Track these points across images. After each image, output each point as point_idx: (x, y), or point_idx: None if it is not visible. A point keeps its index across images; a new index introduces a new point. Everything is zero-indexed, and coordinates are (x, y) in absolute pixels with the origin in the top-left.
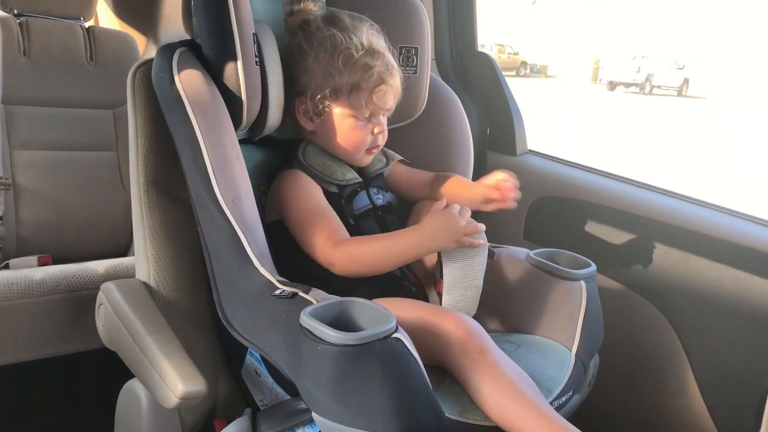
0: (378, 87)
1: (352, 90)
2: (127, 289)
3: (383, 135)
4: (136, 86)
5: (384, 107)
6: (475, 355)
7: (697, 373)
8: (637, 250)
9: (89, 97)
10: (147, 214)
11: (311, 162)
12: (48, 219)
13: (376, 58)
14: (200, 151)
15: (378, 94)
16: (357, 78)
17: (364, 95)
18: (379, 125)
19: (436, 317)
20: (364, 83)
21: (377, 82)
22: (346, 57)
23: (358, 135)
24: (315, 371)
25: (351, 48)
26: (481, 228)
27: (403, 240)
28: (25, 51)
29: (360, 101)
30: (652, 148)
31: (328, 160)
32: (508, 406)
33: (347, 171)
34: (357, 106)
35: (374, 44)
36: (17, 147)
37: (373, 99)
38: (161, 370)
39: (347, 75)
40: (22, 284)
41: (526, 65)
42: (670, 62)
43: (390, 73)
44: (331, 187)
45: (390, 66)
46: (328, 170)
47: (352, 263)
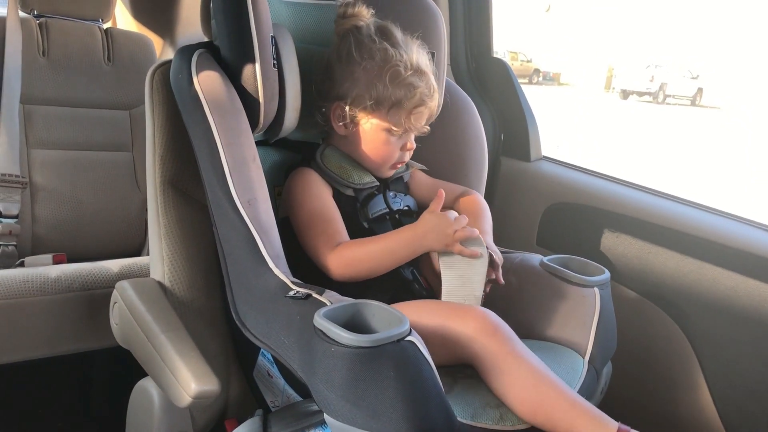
0: (418, 108)
1: (393, 106)
2: (142, 288)
3: (410, 152)
4: (154, 87)
5: (419, 127)
6: (500, 347)
7: (710, 382)
8: (650, 258)
9: (106, 98)
10: (163, 214)
11: (329, 165)
12: (63, 218)
13: (422, 79)
14: (217, 151)
15: (416, 114)
16: (400, 95)
17: (403, 113)
18: (410, 142)
19: (457, 314)
20: (406, 101)
21: (418, 103)
22: (395, 73)
23: (388, 149)
24: (327, 373)
25: (400, 65)
26: (474, 233)
27: (395, 240)
28: (44, 51)
29: (399, 118)
30: (667, 156)
31: (346, 163)
32: (538, 396)
33: (364, 175)
34: (394, 122)
35: (422, 65)
36: (34, 146)
37: (411, 118)
38: (175, 368)
39: (392, 90)
40: (37, 282)
41: (539, 73)
42: (683, 71)
43: (431, 96)
44: (347, 190)
45: (432, 88)
46: (345, 173)
47: (347, 267)
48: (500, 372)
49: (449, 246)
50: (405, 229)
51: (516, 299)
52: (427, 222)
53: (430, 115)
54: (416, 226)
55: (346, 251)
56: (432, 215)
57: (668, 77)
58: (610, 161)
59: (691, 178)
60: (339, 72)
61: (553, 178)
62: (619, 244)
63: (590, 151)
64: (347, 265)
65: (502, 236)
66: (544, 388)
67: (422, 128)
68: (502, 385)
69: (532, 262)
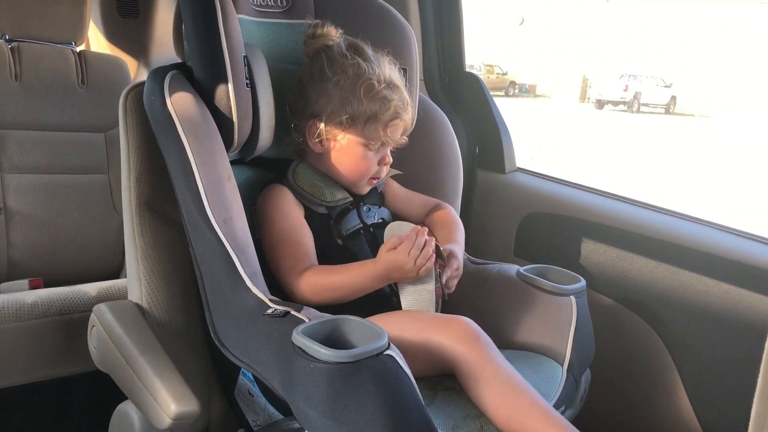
0: (393, 121)
1: (368, 120)
2: (120, 311)
3: (387, 166)
4: (128, 109)
5: (395, 140)
6: (479, 354)
7: (687, 385)
8: (626, 265)
9: (81, 121)
10: (139, 235)
11: (300, 183)
12: (39, 242)
13: (395, 92)
14: (192, 171)
15: (392, 127)
16: (375, 109)
17: (379, 126)
18: (387, 157)
19: (440, 323)
20: (381, 115)
21: (393, 116)
22: (368, 87)
23: (365, 164)
24: (308, 389)
25: (373, 79)
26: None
27: (359, 275)
28: (16, 76)
29: (374, 132)
30: (641, 164)
31: (318, 180)
32: (513, 402)
33: (337, 191)
34: (370, 136)
35: (394, 79)
36: (8, 171)
37: (387, 131)
38: (154, 390)
39: (366, 104)
40: (13, 308)
41: (515, 85)
42: (657, 80)
43: (405, 109)
44: (320, 208)
45: (406, 101)
46: (317, 191)
47: (313, 294)
48: (478, 378)
49: (416, 277)
50: (369, 268)
51: (494, 310)
52: (386, 262)
53: (405, 128)
54: (377, 265)
55: (312, 278)
56: (390, 254)
57: (642, 86)
58: (585, 170)
59: (666, 184)
60: (312, 90)
61: (529, 189)
62: (594, 253)
63: (565, 161)
64: (313, 292)
65: (479, 247)
66: (519, 396)
67: (399, 140)
68: (479, 391)
69: (509, 273)
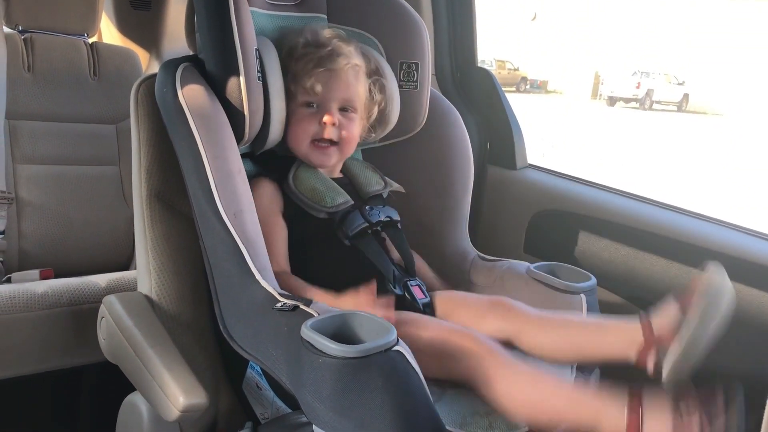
0: (315, 70)
1: (294, 78)
2: (129, 302)
3: (336, 128)
4: (139, 101)
5: (328, 94)
6: (494, 359)
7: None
8: (637, 263)
9: (92, 112)
10: (149, 228)
11: (300, 188)
12: (50, 233)
13: (320, 47)
14: (203, 164)
15: (317, 77)
16: (298, 66)
17: (305, 81)
18: (328, 114)
19: (454, 337)
20: (303, 70)
21: (315, 66)
22: (290, 50)
23: (302, 127)
24: (316, 384)
25: (299, 43)
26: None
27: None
28: (29, 67)
29: (302, 88)
30: (654, 161)
31: (319, 184)
32: (537, 394)
33: (338, 194)
34: (301, 94)
35: (321, 38)
36: (20, 161)
37: (315, 84)
38: (162, 382)
39: (293, 65)
40: (24, 298)
41: (526, 81)
42: (669, 78)
43: (331, 59)
44: (321, 214)
45: (333, 53)
46: (317, 197)
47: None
48: (496, 381)
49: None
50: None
51: None
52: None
53: (346, 84)
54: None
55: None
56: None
57: (654, 84)
58: (597, 168)
59: (679, 182)
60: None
61: (540, 185)
62: (605, 251)
63: (577, 158)
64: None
65: (489, 244)
66: (542, 385)
67: (338, 97)
68: (501, 394)
69: (519, 270)
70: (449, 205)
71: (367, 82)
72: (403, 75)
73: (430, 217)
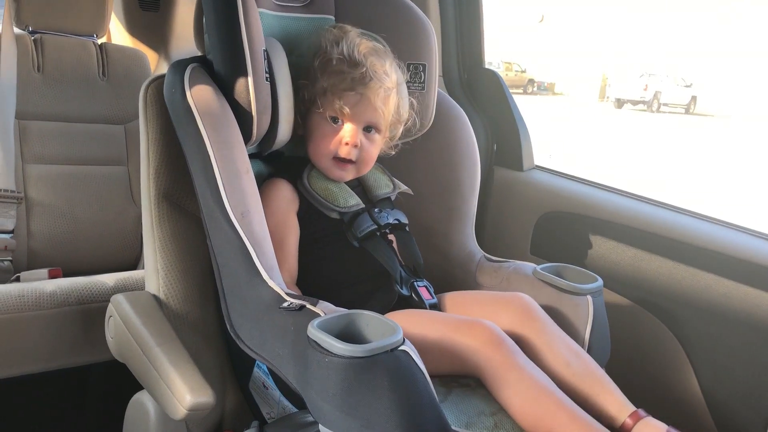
0: (345, 92)
1: (324, 93)
2: (137, 302)
3: (357, 149)
4: (148, 101)
5: (354, 116)
6: (504, 359)
7: (703, 387)
8: (643, 265)
9: (101, 113)
10: (157, 227)
11: (314, 187)
12: (59, 232)
13: (354, 68)
14: (210, 164)
15: (346, 99)
16: (330, 82)
17: (335, 100)
18: (352, 136)
19: (464, 326)
20: (334, 88)
21: (347, 88)
22: (324, 63)
23: (325, 142)
24: (322, 383)
25: (333, 55)
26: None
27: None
28: (39, 67)
29: (331, 106)
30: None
31: (332, 185)
32: (540, 409)
33: (350, 197)
34: (328, 110)
35: (357, 56)
36: (30, 161)
37: (343, 106)
38: (170, 381)
39: (323, 80)
40: (32, 296)
41: (533, 83)
42: (677, 80)
43: (364, 83)
44: (333, 213)
45: (367, 77)
46: (331, 196)
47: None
48: (504, 384)
49: None
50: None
51: None
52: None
53: (374, 107)
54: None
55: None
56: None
57: (662, 86)
58: (604, 170)
59: (687, 186)
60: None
61: (546, 187)
62: (612, 252)
63: (583, 160)
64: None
65: (496, 245)
66: (545, 400)
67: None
68: (506, 397)
69: (525, 271)
70: (456, 206)
71: (397, 100)
72: (410, 76)
73: (436, 217)
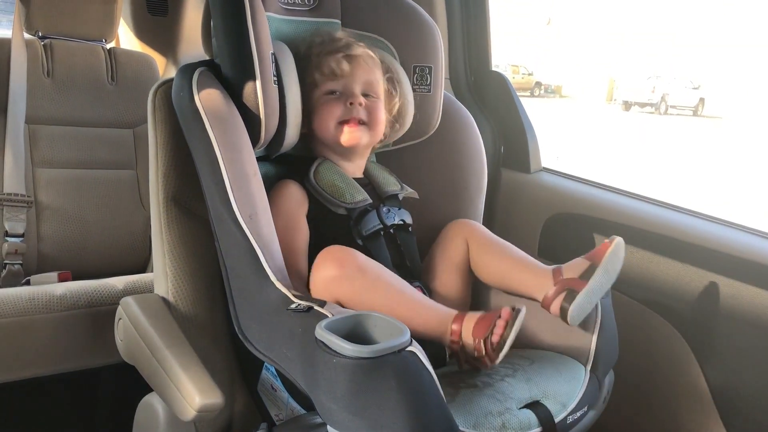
0: (334, 56)
1: (318, 66)
2: (146, 304)
3: (364, 108)
4: (156, 105)
5: (350, 76)
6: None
7: (713, 389)
8: (651, 267)
9: (110, 117)
10: (166, 230)
11: (321, 183)
12: (68, 236)
13: (335, 41)
14: (219, 167)
15: (337, 62)
16: (321, 55)
17: (328, 64)
18: (354, 96)
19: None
20: (324, 56)
21: (333, 50)
22: (308, 46)
23: (328, 112)
24: (330, 384)
25: (315, 40)
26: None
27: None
28: (48, 72)
29: (324, 73)
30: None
31: (338, 180)
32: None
33: (357, 192)
34: (324, 82)
35: (334, 35)
36: (39, 165)
37: (338, 65)
38: (179, 382)
39: (313, 57)
40: (43, 299)
41: (540, 85)
42: (685, 82)
43: (348, 48)
44: (339, 209)
45: (349, 44)
46: (338, 192)
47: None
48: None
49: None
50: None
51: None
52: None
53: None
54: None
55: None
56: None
57: (670, 88)
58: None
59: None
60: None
61: (554, 189)
62: None
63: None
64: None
65: None
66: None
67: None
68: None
69: None
70: (463, 208)
71: (384, 77)
72: (416, 78)
73: (443, 220)
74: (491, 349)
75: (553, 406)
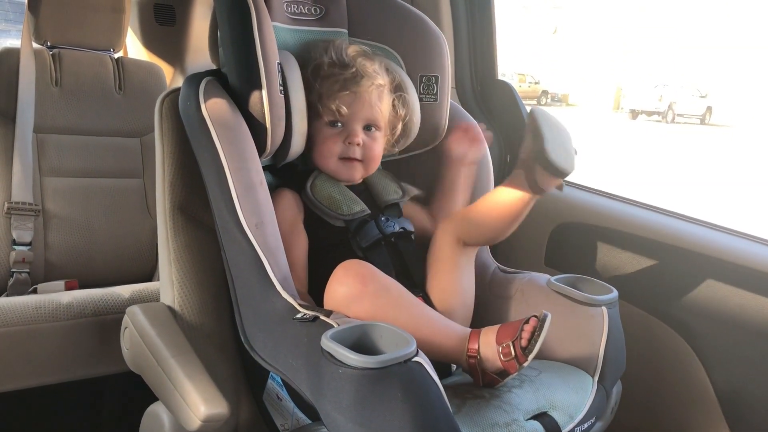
0: (339, 93)
1: (320, 99)
2: (152, 313)
3: (361, 147)
4: (163, 114)
5: (352, 115)
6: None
7: (721, 400)
8: (659, 277)
9: (117, 126)
10: (172, 239)
11: (318, 196)
12: (75, 244)
13: (344, 69)
14: (225, 176)
15: (341, 100)
16: (324, 87)
17: (330, 103)
18: (354, 135)
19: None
20: (328, 91)
21: (340, 89)
22: (316, 69)
23: (329, 144)
24: (336, 394)
25: (323, 60)
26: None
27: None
28: (56, 81)
29: (327, 108)
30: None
31: (336, 193)
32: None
33: (354, 204)
34: (326, 114)
35: (345, 58)
36: (47, 174)
37: (340, 106)
38: (184, 392)
39: (317, 85)
40: (49, 308)
41: (547, 94)
42: (692, 90)
43: (356, 82)
44: (337, 222)
45: (358, 75)
46: (335, 204)
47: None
48: None
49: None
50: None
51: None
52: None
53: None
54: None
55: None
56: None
57: (677, 96)
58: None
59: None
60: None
61: (561, 198)
62: (627, 263)
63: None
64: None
65: (510, 256)
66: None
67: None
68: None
69: (539, 282)
70: None
71: (391, 98)
72: (423, 88)
73: None
74: (521, 351)
75: (561, 417)
